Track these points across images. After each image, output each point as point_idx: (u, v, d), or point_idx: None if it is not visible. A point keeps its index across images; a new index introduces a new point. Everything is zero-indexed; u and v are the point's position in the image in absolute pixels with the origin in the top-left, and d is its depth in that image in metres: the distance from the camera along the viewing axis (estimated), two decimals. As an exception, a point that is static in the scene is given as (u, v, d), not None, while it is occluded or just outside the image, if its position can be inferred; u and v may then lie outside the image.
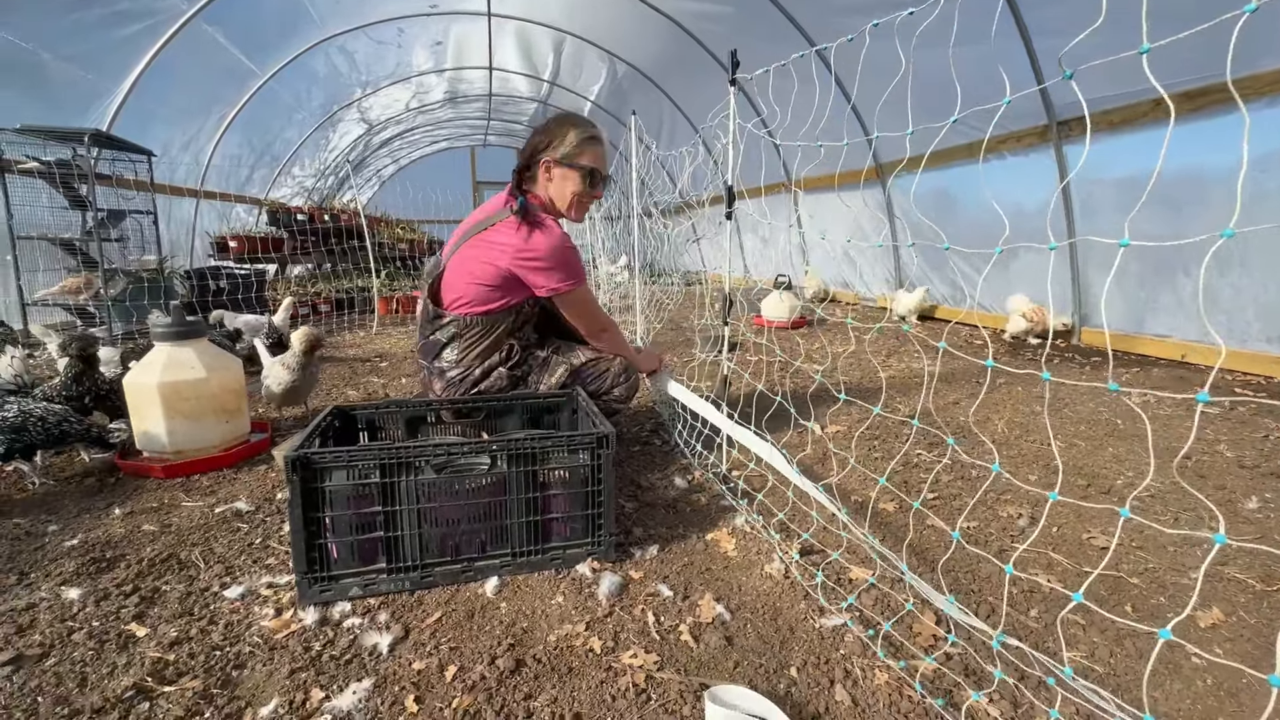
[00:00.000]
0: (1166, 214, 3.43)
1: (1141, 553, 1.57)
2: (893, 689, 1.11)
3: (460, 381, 1.98)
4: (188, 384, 2.13)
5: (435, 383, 2.03)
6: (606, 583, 1.42)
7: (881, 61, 1.75)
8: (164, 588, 1.44)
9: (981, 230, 4.62)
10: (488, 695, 1.10)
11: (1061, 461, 2.18)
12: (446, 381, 1.99)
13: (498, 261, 1.87)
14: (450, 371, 1.97)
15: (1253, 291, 3.15)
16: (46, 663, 1.18)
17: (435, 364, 2.00)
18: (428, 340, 2.00)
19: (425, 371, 2.07)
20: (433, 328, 1.98)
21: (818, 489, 1.48)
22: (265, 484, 2.06)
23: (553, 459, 1.49)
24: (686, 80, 7.27)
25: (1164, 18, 0.75)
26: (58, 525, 1.76)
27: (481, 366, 1.99)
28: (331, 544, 1.38)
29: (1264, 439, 2.32)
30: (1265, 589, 1.39)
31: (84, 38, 4.62)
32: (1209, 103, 3.12)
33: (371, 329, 5.56)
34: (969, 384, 3.20)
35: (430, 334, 1.99)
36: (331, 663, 1.18)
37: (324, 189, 10.04)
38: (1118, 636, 1.25)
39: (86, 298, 4.51)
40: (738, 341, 4.11)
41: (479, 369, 1.99)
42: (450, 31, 7.35)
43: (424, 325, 2.02)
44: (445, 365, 1.99)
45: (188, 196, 6.57)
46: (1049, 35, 3.69)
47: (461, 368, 1.97)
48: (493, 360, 2.01)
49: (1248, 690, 1.10)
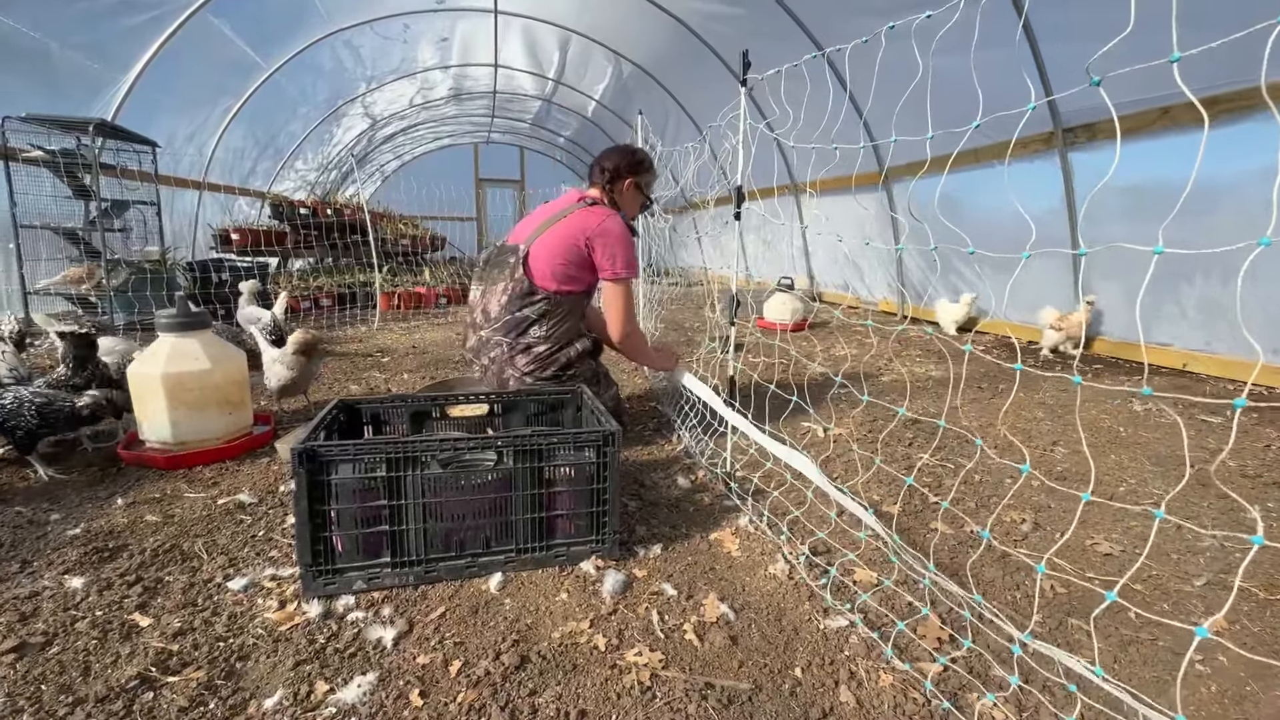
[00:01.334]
0: (1174, 222, 3.42)
1: (1145, 560, 1.57)
2: (898, 690, 1.11)
3: (548, 357, 2.13)
4: (192, 375, 2.13)
5: (519, 358, 2.13)
6: (611, 580, 1.42)
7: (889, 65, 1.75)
8: (167, 578, 1.44)
9: (987, 235, 4.59)
10: (492, 691, 1.10)
11: (1063, 468, 2.18)
12: (533, 356, 2.12)
13: (578, 240, 2.13)
14: (538, 346, 2.13)
15: (1258, 302, 3.15)
16: (50, 651, 1.18)
17: (521, 340, 2.12)
18: (514, 316, 2.13)
19: (502, 348, 2.16)
20: (523, 303, 2.12)
21: (843, 492, 1.48)
22: (268, 476, 2.05)
23: (558, 456, 1.49)
24: (691, 81, 7.26)
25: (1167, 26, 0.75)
26: (60, 514, 1.76)
27: (569, 344, 2.19)
28: (336, 537, 1.38)
29: (1265, 448, 2.32)
30: (1269, 597, 1.39)
31: (91, 27, 4.61)
32: (1219, 111, 3.11)
33: (373, 324, 5.56)
34: (972, 388, 3.20)
35: (519, 309, 2.12)
36: (336, 656, 1.18)
37: (327, 183, 10.02)
38: (1122, 643, 1.25)
39: (89, 287, 4.50)
40: (743, 342, 4.11)
41: (567, 346, 2.18)
42: (456, 28, 7.34)
43: (512, 301, 2.14)
44: (533, 340, 2.13)
45: (191, 188, 6.56)
46: (1055, 40, 3.69)
47: (551, 343, 2.14)
48: (581, 343, 2.22)
49: (1252, 698, 1.10)
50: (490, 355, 2.20)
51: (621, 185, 2.35)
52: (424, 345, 4.60)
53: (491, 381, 2.23)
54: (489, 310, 2.21)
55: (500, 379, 2.19)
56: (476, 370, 2.30)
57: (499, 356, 2.18)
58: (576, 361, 2.20)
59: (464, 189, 13.24)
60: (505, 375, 2.18)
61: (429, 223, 9.44)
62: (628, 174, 2.34)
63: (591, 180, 2.41)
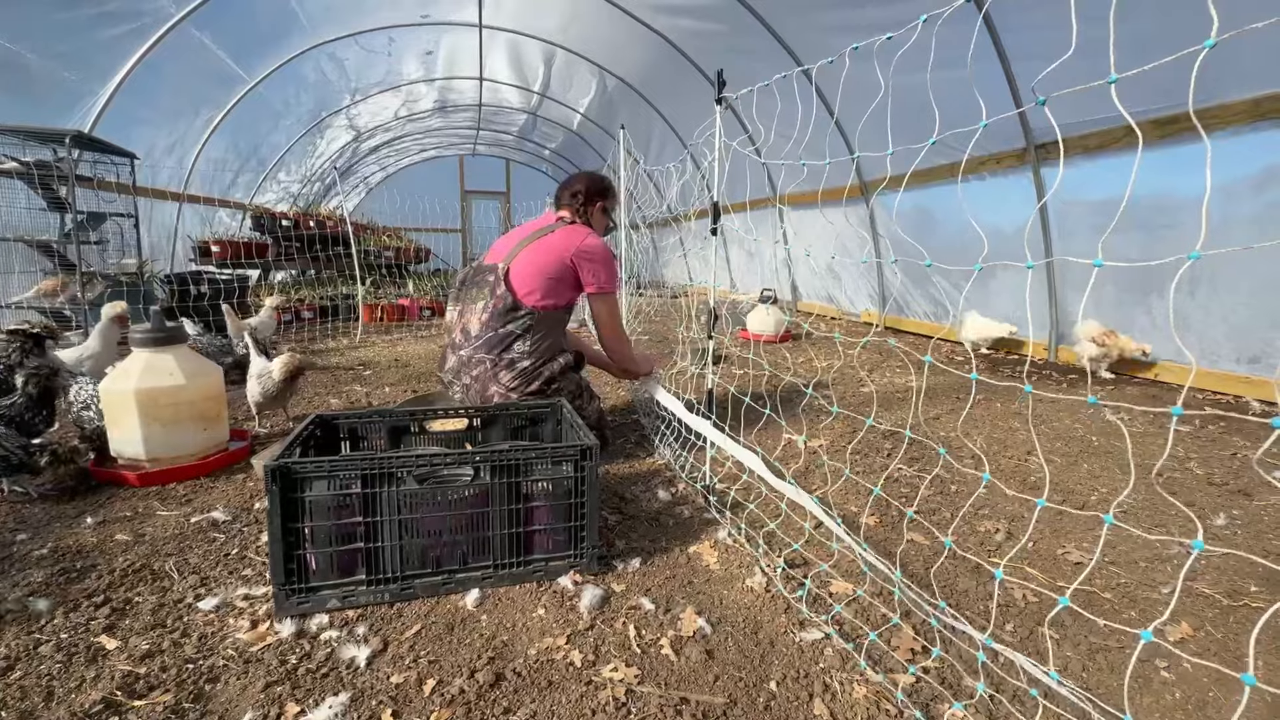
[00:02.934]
0: (1140, 236, 3.52)
1: (1114, 568, 1.60)
2: (871, 702, 1.12)
3: (532, 371, 2.15)
4: (165, 390, 2.10)
5: (503, 374, 2.14)
6: (588, 595, 1.42)
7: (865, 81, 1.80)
8: (136, 599, 1.41)
9: (961, 247, 4.72)
10: (466, 709, 1.09)
11: (1038, 477, 2.22)
12: (518, 372, 2.13)
13: (563, 256, 2.20)
14: (522, 362, 2.14)
15: (1222, 313, 3.25)
16: (12, 676, 1.15)
17: (504, 355, 2.14)
18: (497, 333, 2.14)
19: (485, 365, 2.16)
20: (506, 319, 2.14)
21: (813, 500, 1.49)
22: (244, 493, 2.03)
23: (536, 470, 1.49)
24: (675, 95, 7.35)
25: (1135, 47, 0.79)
26: (27, 534, 1.72)
27: (553, 359, 2.21)
28: (310, 555, 1.36)
29: (1232, 457, 2.38)
30: (1231, 604, 1.43)
31: (70, 37, 4.56)
32: (1179, 129, 3.22)
33: (355, 337, 5.52)
34: (950, 399, 3.25)
35: (502, 325, 2.14)
36: (308, 676, 1.17)
37: (310, 195, 9.96)
38: (1090, 651, 1.27)
39: (63, 300, 4.43)
40: (723, 354, 4.13)
41: (551, 361, 2.20)
42: (441, 41, 7.37)
43: (495, 318, 2.15)
44: (517, 355, 2.14)
45: (170, 200, 6.49)
46: (1027, 60, 3.80)
47: (535, 358, 2.15)
48: (564, 358, 2.24)
49: (1214, 704, 1.13)
50: (473, 374, 2.19)
51: (592, 208, 2.45)
52: (406, 358, 4.57)
53: (474, 400, 2.21)
54: (469, 329, 2.21)
55: (484, 396, 2.18)
56: (457, 391, 2.29)
57: (482, 374, 2.17)
58: (560, 376, 2.21)
59: (449, 201, 13.22)
60: (489, 392, 2.16)
61: (413, 235, 9.42)
62: (597, 198, 2.45)
63: (560, 203, 2.48)
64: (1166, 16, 2.92)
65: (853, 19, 4.52)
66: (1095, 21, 1.06)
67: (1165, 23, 2.93)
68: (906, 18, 1.18)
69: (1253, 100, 2.96)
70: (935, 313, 5.34)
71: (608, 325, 2.36)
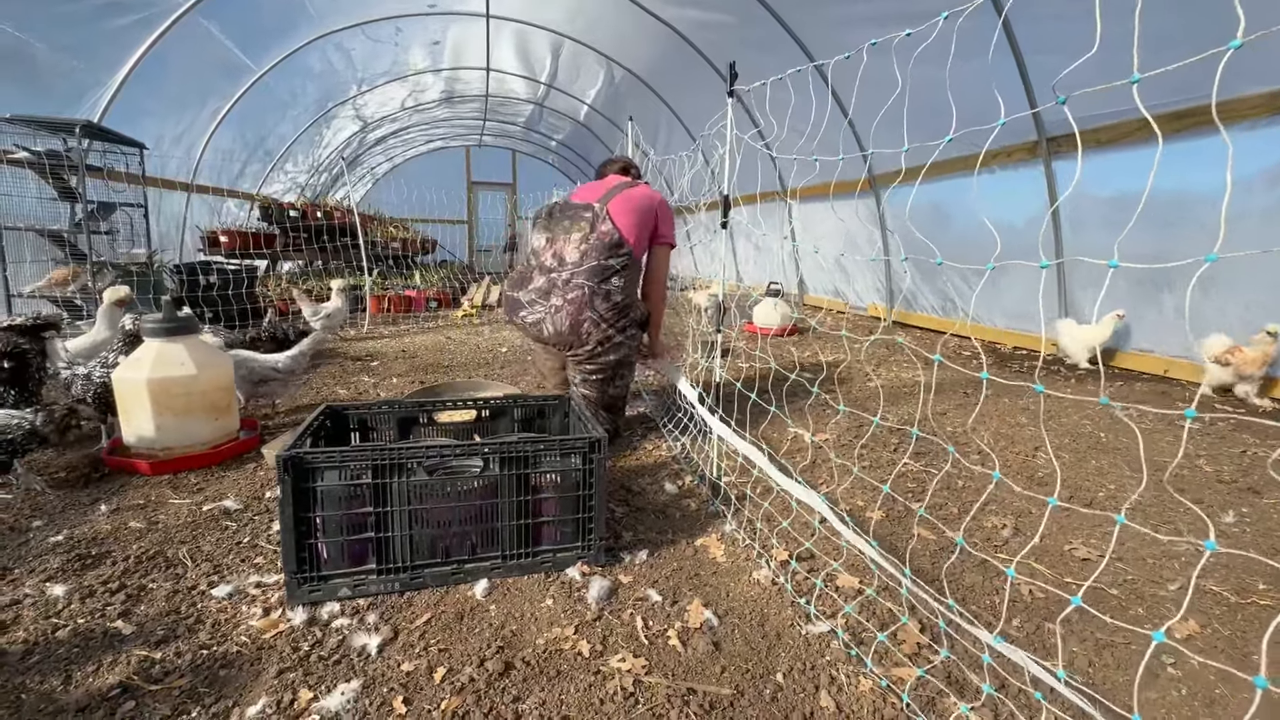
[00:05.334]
0: (1153, 232, 3.49)
1: (1121, 564, 1.60)
2: (877, 695, 1.13)
3: (623, 309, 2.29)
4: (177, 380, 2.12)
5: (599, 302, 2.24)
6: (596, 587, 1.43)
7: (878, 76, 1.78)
8: (150, 585, 1.43)
9: (973, 243, 4.68)
10: (476, 697, 1.11)
11: (1045, 473, 2.21)
12: (613, 304, 2.26)
13: (651, 204, 2.42)
14: (617, 295, 2.27)
15: (1235, 311, 3.22)
16: (30, 660, 1.18)
17: (603, 286, 2.25)
18: (600, 264, 2.25)
19: (584, 291, 2.23)
20: (609, 254, 2.26)
21: (821, 499, 1.49)
22: (254, 482, 2.05)
23: (544, 462, 1.50)
24: (683, 87, 7.30)
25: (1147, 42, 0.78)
26: (42, 521, 1.75)
27: (636, 304, 2.39)
28: (321, 544, 1.38)
29: (1241, 454, 2.37)
30: (1240, 601, 1.43)
31: (78, 28, 4.57)
32: (1195, 123, 3.18)
33: (363, 328, 5.54)
34: (957, 394, 3.24)
35: (605, 259, 2.25)
36: (320, 663, 1.18)
37: (317, 185, 9.97)
38: (1097, 647, 1.27)
39: (74, 290, 4.46)
40: (729, 348, 4.13)
41: (635, 306, 2.38)
42: (448, 31, 7.33)
43: (597, 250, 2.25)
44: (614, 288, 2.27)
45: (179, 190, 6.51)
46: (1041, 53, 3.75)
47: (625, 296, 2.30)
48: (642, 307, 2.44)
49: (1221, 701, 1.13)
50: (568, 296, 2.23)
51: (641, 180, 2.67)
52: (414, 349, 4.59)
53: (560, 322, 2.24)
54: (563, 255, 2.28)
55: (575, 319, 2.22)
56: (539, 310, 2.29)
57: (578, 298, 2.22)
58: (636, 324, 2.37)
59: (455, 192, 13.19)
60: (582, 316, 2.22)
61: (420, 226, 9.42)
62: (637, 174, 2.72)
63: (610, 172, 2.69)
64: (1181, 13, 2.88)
65: (863, 11, 4.46)
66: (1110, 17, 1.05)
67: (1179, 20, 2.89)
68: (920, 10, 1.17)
69: (1269, 94, 2.92)
70: (944, 307, 5.31)
71: (659, 279, 2.53)
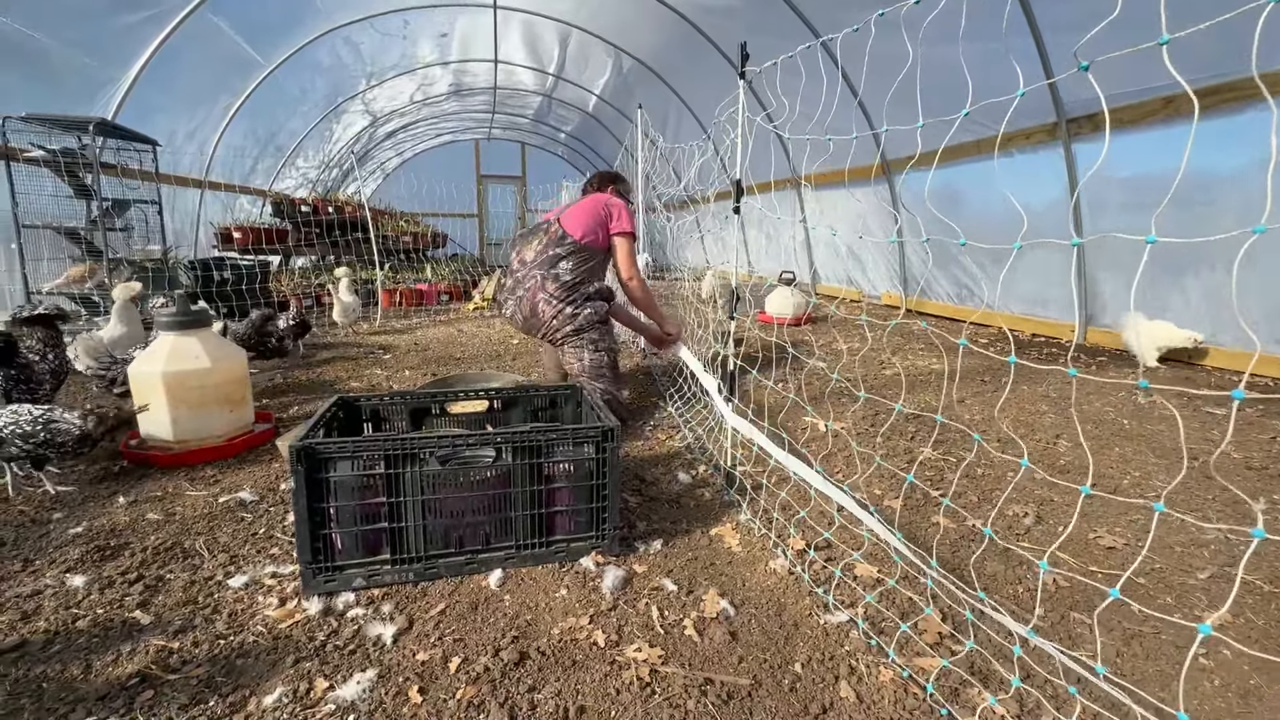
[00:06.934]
0: (1176, 213, 3.40)
1: (1148, 553, 1.56)
2: (899, 686, 1.10)
3: (572, 286, 2.57)
4: (192, 374, 2.13)
5: (549, 284, 2.56)
6: (610, 576, 1.41)
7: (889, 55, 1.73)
8: (168, 576, 1.44)
9: (989, 227, 4.60)
10: (491, 687, 1.10)
11: (1066, 460, 2.17)
12: (560, 284, 2.56)
13: (598, 204, 2.71)
14: (564, 276, 2.57)
15: (1261, 292, 3.13)
16: (51, 649, 1.19)
17: (552, 271, 2.57)
18: (548, 255, 2.59)
19: (535, 279, 2.57)
20: (556, 246, 2.59)
21: (840, 489, 1.47)
22: (269, 474, 2.06)
23: (558, 452, 1.49)
24: (692, 75, 7.22)
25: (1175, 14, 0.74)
26: (62, 513, 1.76)
27: (590, 281, 2.66)
28: (336, 535, 1.38)
29: (1271, 440, 2.31)
30: (1273, 590, 1.38)
31: (89, 24, 4.59)
32: (1219, 101, 3.08)
33: (375, 322, 5.56)
34: (975, 382, 3.19)
35: (552, 250, 2.59)
36: (335, 653, 1.18)
37: (328, 181, 10.01)
38: (1125, 637, 1.24)
39: (91, 286, 4.52)
40: (742, 337, 4.09)
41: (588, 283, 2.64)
42: (456, 23, 7.30)
43: (547, 246, 2.61)
44: (561, 271, 2.57)
45: (192, 187, 6.56)
46: (1060, 31, 3.65)
47: (575, 275, 2.58)
48: (599, 283, 2.72)
49: (1257, 693, 1.09)
50: (525, 287, 2.59)
51: (607, 190, 3.00)
52: (425, 342, 4.60)
53: (525, 310, 2.58)
54: (525, 258, 2.66)
55: (532, 302, 2.55)
56: (510, 306, 2.67)
57: (532, 286, 2.57)
58: (595, 297, 2.62)
59: (465, 186, 13.19)
60: (536, 300, 2.54)
61: (430, 220, 9.42)
62: (609, 183, 3.04)
63: (586, 192, 3.04)
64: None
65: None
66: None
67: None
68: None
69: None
70: (959, 295, 5.23)
71: (624, 260, 2.72)
